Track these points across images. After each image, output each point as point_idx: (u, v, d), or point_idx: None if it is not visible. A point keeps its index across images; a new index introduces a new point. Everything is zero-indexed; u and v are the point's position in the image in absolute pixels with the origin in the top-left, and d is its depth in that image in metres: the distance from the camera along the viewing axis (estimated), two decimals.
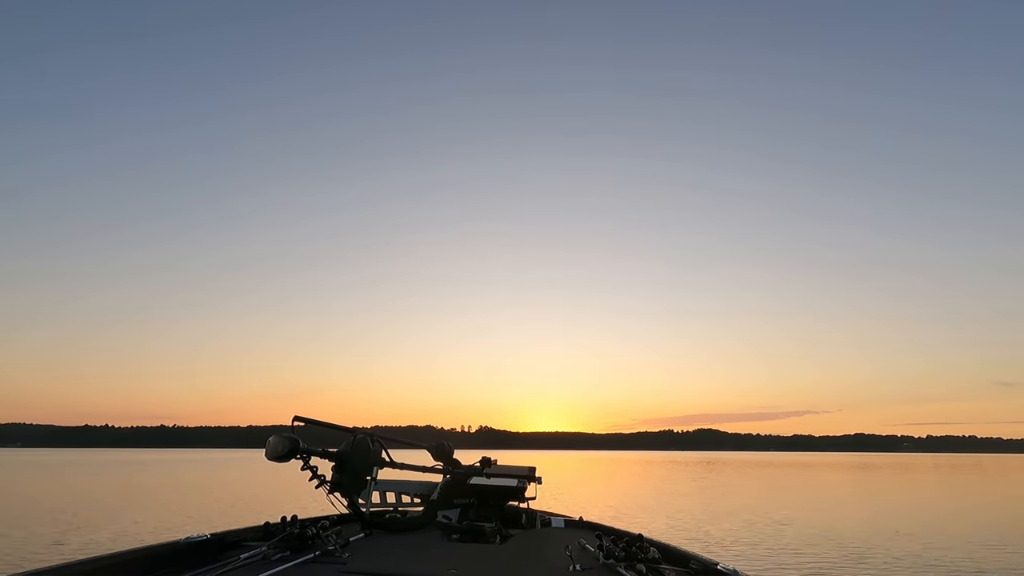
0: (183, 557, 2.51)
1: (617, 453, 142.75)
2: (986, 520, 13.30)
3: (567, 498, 17.02)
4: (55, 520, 11.77)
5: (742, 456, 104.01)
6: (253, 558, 2.38)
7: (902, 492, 21.82)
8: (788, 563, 7.90)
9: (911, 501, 18.07)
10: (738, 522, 12.00)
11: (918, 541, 9.86)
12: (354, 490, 3.25)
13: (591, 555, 2.65)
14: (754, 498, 18.22)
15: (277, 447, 2.82)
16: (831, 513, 14.29)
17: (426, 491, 3.73)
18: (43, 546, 8.72)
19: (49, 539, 9.37)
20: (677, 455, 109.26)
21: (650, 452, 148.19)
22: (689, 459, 63.48)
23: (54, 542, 9.07)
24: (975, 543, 9.78)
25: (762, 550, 8.83)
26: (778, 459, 77.77)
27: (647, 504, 16.05)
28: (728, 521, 12.27)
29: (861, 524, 12.07)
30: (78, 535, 9.85)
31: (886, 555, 8.49)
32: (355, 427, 3.35)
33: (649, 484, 25.42)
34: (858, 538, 10.05)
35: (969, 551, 8.99)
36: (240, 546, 2.70)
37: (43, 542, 9.07)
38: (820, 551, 8.76)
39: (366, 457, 3.34)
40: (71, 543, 8.97)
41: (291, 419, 2.97)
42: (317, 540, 2.60)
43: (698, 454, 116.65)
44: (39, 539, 9.38)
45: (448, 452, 3.71)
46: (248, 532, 2.93)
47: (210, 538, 2.69)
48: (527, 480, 3.70)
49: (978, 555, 8.70)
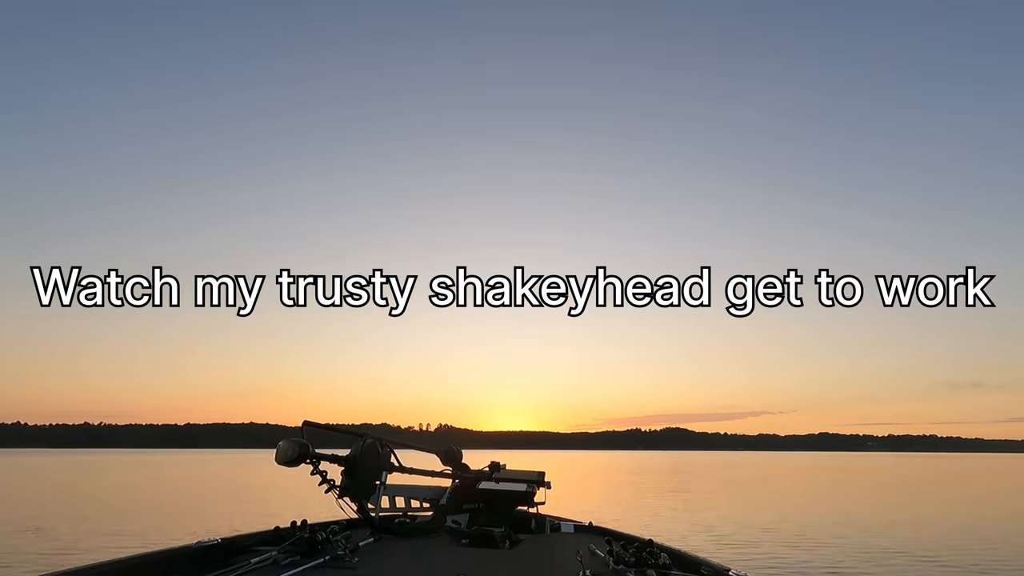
0: (195, 561, 2.52)
1: (581, 453, 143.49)
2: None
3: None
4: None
5: (714, 457, 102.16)
6: (263, 563, 2.40)
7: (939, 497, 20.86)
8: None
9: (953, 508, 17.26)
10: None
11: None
12: (363, 495, 3.25)
13: (601, 561, 2.66)
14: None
15: (287, 452, 2.81)
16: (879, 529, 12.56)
17: (435, 496, 3.76)
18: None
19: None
20: (644, 455, 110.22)
21: (617, 452, 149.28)
22: (657, 463, 62.25)
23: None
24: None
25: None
26: (752, 461, 75.97)
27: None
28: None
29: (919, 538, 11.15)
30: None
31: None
32: (364, 432, 3.37)
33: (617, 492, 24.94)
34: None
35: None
36: (251, 551, 2.71)
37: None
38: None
39: (375, 462, 3.34)
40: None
41: (301, 423, 2.97)
42: (327, 545, 2.62)
43: (666, 455, 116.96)
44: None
45: (457, 457, 3.72)
46: (258, 537, 2.95)
47: (221, 543, 2.72)
48: (536, 485, 3.73)
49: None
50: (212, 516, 13.62)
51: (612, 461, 68.91)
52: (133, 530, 11.30)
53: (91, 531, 11.21)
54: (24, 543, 9.86)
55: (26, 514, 13.72)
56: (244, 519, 12.84)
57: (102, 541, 10.09)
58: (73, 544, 9.75)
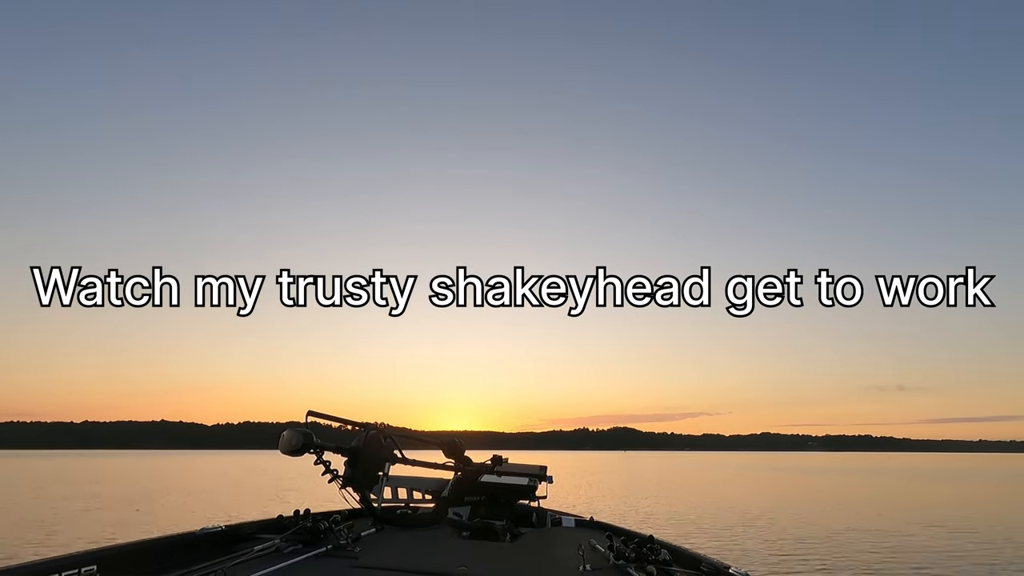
0: (199, 547, 2.59)
1: (527, 453, 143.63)
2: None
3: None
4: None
5: (671, 458, 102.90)
6: (266, 550, 2.48)
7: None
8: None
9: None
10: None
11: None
12: (366, 485, 3.33)
13: (601, 556, 2.73)
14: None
15: (291, 441, 2.89)
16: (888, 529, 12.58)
17: (437, 488, 3.81)
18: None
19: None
20: (590, 456, 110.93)
21: (563, 452, 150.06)
22: (602, 462, 62.56)
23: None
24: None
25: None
26: (702, 460, 76.79)
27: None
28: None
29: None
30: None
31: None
32: (367, 423, 3.41)
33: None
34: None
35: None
36: (254, 538, 2.79)
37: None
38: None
39: (378, 453, 3.42)
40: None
41: (305, 414, 3.01)
42: (329, 534, 2.70)
43: (614, 455, 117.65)
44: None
45: (460, 449, 3.80)
46: (262, 524, 3.03)
47: (225, 529, 2.79)
48: (538, 479, 3.81)
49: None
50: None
51: (554, 460, 68.61)
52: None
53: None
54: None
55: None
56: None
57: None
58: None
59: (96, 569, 2.07)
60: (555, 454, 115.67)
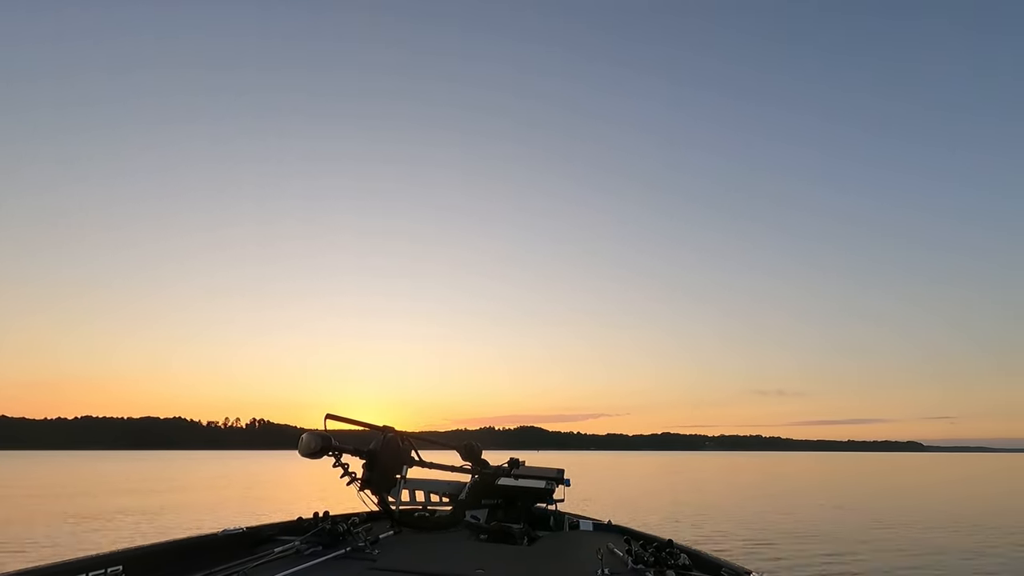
0: (220, 548, 2.63)
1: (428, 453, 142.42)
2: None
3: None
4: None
5: (586, 457, 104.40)
6: (286, 552, 2.55)
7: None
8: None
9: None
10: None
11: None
12: (384, 488, 3.36)
13: (620, 559, 2.73)
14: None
15: (310, 444, 2.93)
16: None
17: (455, 491, 3.84)
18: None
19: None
20: (495, 456, 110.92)
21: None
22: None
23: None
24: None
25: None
26: (619, 460, 78.03)
27: None
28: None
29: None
30: None
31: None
32: (385, 426, 3.43)
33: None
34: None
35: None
36: (274, 540, 2.84)
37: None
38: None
39: (396, 455, 3.45)
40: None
41: (323, 416, 3.03)
42: (348, 536, 2.78)
43: (522, 455, 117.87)
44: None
45: (477, 452, 3.85)
46: (282, 526, 3.07)
47: (246, 531, 2.84)
48: (555, 482, 3.83)
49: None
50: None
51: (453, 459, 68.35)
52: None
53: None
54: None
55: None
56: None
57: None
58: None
59: (122, 569, 2.16)
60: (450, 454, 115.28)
